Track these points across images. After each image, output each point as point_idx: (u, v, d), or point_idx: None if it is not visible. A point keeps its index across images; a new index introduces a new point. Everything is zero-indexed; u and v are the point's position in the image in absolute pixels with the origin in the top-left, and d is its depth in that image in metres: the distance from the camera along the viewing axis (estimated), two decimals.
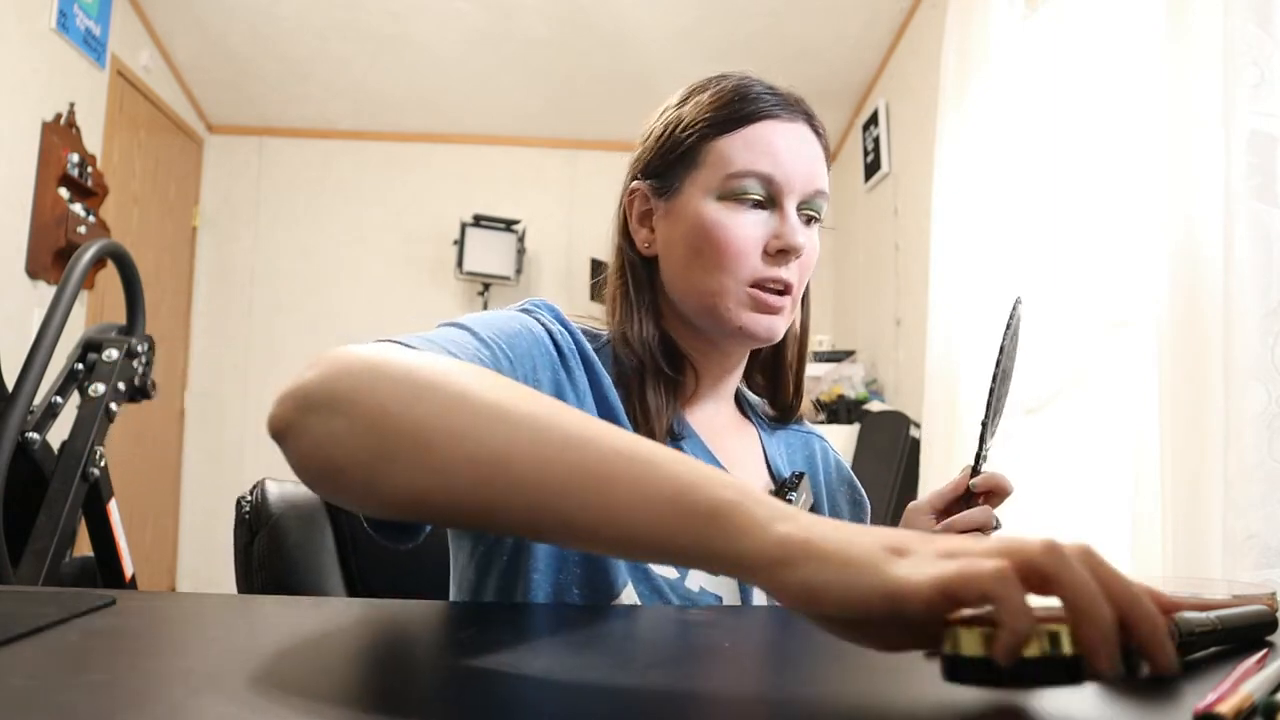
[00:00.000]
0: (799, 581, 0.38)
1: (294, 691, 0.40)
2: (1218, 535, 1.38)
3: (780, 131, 0.77)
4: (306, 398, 0.50)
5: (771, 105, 0.77)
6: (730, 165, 0.76)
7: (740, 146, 0.76)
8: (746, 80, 0.79)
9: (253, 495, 0.88)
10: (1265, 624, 0.53)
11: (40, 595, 0.58)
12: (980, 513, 0.82)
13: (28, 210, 2.92)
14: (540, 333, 0.72)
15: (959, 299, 2.56)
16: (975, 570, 0.35)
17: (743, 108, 0.77)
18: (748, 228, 0.76)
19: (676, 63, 3.80)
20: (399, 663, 0.48)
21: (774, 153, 0.76)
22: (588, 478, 0.43)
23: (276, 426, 0.51)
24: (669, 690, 0.43)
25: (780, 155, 0.76)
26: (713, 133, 0.77)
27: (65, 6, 3.06)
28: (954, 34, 2.70)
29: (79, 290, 1.65)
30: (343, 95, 4.22)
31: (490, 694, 0.41)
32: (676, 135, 0.79)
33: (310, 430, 0.49)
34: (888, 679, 0.46)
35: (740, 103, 0.77)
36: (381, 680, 0.44)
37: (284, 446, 0.51)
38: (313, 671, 0.44)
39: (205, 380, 4.34)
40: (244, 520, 0.86)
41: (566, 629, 0.58)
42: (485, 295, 4.30)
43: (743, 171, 0.75)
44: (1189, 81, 1.52)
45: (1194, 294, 1.49)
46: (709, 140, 0.77)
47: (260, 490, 0.87)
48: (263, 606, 0.64)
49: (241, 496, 0.88)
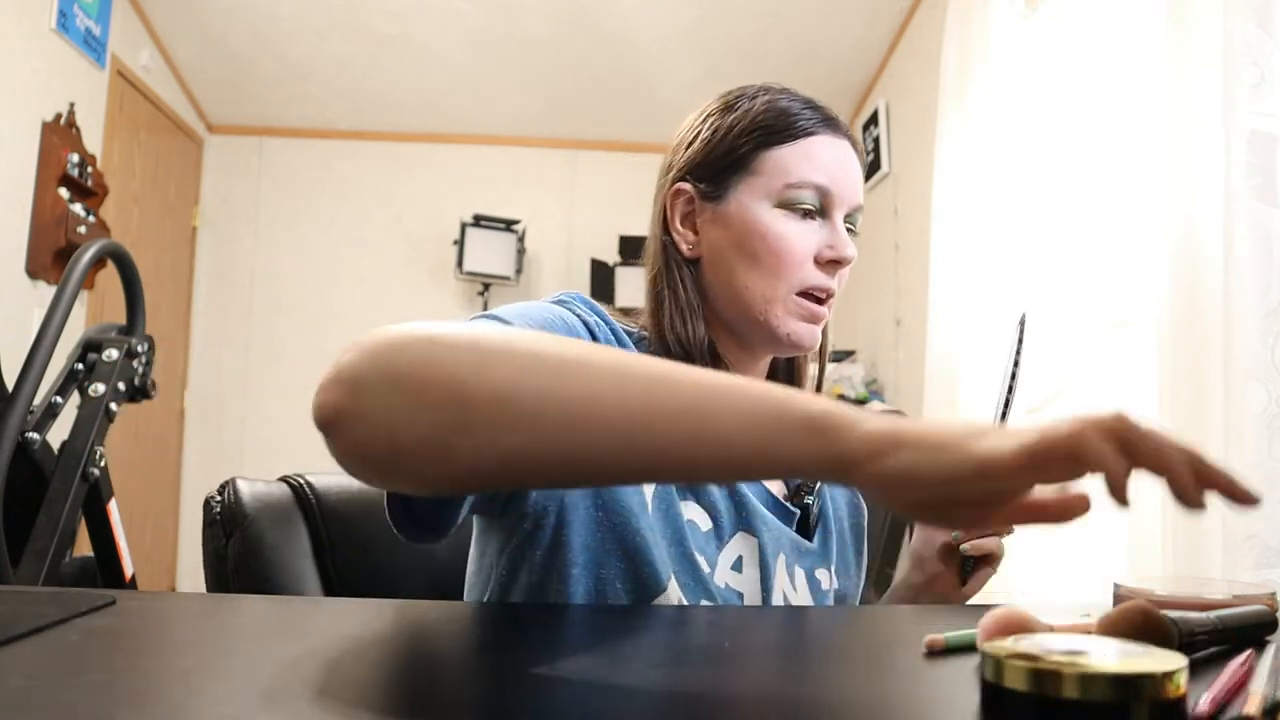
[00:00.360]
0: (896, 468, 0.42)
1: (294, 691, 0.40)
2: (1218, 535, 1.38)
3: (834, 147, 0.80)
4: (357, 380, 0.48)
5: (824, 121, 0.81)
6: (789, 175, 0.78)
7: (800, 157, 0.79)
8: (794, 94, 0.83)
9: (223, 495, 0.85)
10: (1265, 624, 0.53)
11: (40, 595, 0.58)
12: (992, 541, 0.84)
13: (28, 210, 2.92)
14: (575, 323, 0.72)
15: (959, 299, 2.56)
16: (1056, 434, 0.39)
17: (799, 120, 0.80)
18: (804, 236, 0.78)
19: (676, 63, 3.80)
20: (399, 663, 0.48)
21: (829, 167, 0.79)
22: (679, 410, 0.45)
23: (326, 414, 0.48)
24: (667, 690, 0.43)
25: (834, 170, 0.79)
26: (771, 142, 0.79)
27: (65, 6, 3.06)
28: (954, 34, 2.70)
29: (79, 290, 1.65)
30: (343, 95, 4.21)
31: (497, 695, 0.41)
32: (730, 140, 0.80)
33: (367, 413, 0.47)
34: (886, 678, 0.46)
35: (796, 116, 0.80)
36: (383, 680, 0.44)
37: (333, 435, 0.49)
38: (313, 671, 0.44)
39: (205, 380, 4.34)
40: (215, 522, 0.84)
41: (566, 629, 0.58)
42: (485, 295, 4.30)
43: (801, 182, 0.78)
44: (1189, 81, 1.52)
45: (1194, 294, 1.49)
46: (765, 149, 0.79)
47: (231, 490, 0.85)
48: (263, 606, 0.64)
49: (210, 497, 0.85)
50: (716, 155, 0.81)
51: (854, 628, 0.66)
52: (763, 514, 0.78)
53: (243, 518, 0.83)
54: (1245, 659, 0.45)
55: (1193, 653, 0.47)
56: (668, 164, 0.85)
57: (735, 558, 0.76)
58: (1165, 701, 0.36)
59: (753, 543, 0.77)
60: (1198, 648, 0.49)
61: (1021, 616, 0.48)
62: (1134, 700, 0.35)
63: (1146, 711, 0.35)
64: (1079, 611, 0.56)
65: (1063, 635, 0.45)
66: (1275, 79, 1.38)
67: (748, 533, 0.77)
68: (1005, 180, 2.41)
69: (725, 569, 0.75)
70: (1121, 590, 0.62)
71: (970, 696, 0.41)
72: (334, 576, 0.88)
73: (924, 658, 0.49)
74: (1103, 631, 0.48)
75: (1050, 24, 2.36)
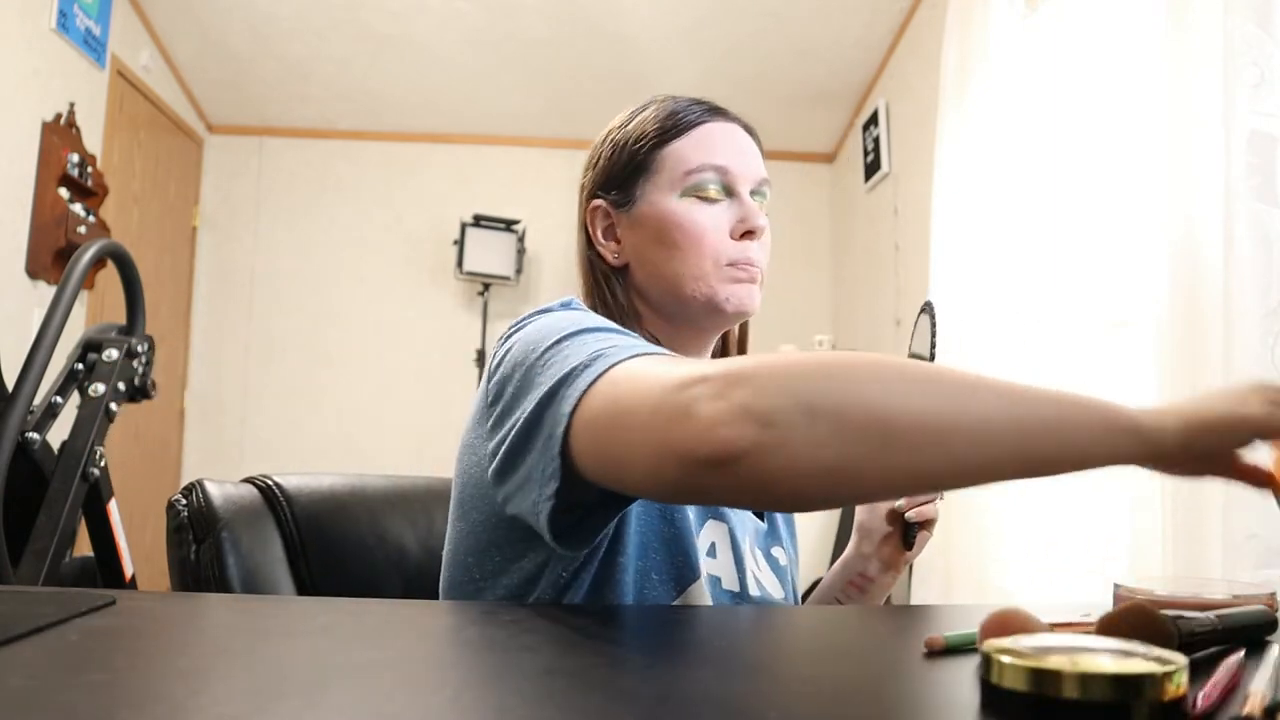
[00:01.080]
0: (1194, 446, 0.53)
1: (294, 691, 0.40)
2: (1218, 535, 1.38)
3: (723, 130, 0.86)
4: (767, 413, 0.50)
5: (710, 111, 0.87)
6: (687, 163, 0.84)
7: (693, 146, 0.84)
8: (680, 98, 0.89)
9: (190, 498, 0.82)
10: (1265, 624, 0.53)
11: (40, 595, 0.58)
12: (931, 507, 0.91)
13: (28, 210, 2.92)
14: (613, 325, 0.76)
15: (959, 299, 2.56)
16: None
17: (687, 115, 0.86)
18: (715, 217, 0.84)
19: (676, 63, 3.80)
20: (399, 663, 0.48)
21: (723, 148, 0.85)
22: (1044, 423, 0.52)
23: (732, 451, 0.50)
24: (665, 690, 0.43)
25: (729, 150, 0.85)
26: (663, 141, 0.85)
27: (65, 6, 3.06)
28: (954, 34, 2.70)
29: (79, 290, 1.65)
30: (343, 95, 4.21)
31: (497, 695, 0.41)
32: (629, 149, 0.87)
33: (787, 443, 0.49)
34: (886, 678, 0.46)
35: (683, 112, 0.86)
36: (383, 680, 0.44)
37: (742, 466, 0.50)
38: (312, 671, 0.44)
39: (205, 380, 4.34)
40: (184, 525, 0.80)
41: (566, 629, 0.58)
42: (485, 295, 4.31)
43: (700, 166, 0.83)
44: (1189, 81, 1.52)
45: (1194, 294, 1.49)
46: (660, 148, 0.85)
47: (199, 493, 0.82)
48: (263, 606, 0.64)
49: (174, 499, 0.82)
50: (619, 165, 0.87)
51: (854, 628, 0.66)
52: None
53: (214, 521, 0.80)
54: (1240, 658, 0.45)
55: (1193, 653, 0.47)
56: (581, 187, 0.92)
57: (710, 544, 0.80)
58: (1165, 701, 0.36)
59: (723, 528, 0.81)
60: (1198, 648, 0.49)
61: (1021, 616, 0.48)
62: (1134, 700, 0.35)
63: (1146, 711, 0.35)
64: (1079, 611, 0.56)
65: (1063, 635, 0.45)
66: (1275, 79, 1.38)
67: (717, 519, 0.81)
68: (1005, 180, 2.41)
69: (703, 555, 0.78)
70: (1121, 590, 0.62)
71: (970, 696, 0.41)
72: (307, 579, 0.86)
73: (924, 658, 0.49)
74: (1103, 631, 0.48)
75: (1050, 24, 2.36)
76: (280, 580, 0.84)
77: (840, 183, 4.42)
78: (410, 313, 4.42)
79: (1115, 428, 0.53)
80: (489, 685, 0.43)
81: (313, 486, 0.90)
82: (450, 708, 0.39)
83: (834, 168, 4.51)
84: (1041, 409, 0.53)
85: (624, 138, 0.88)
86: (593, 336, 0.65)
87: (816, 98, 3.98)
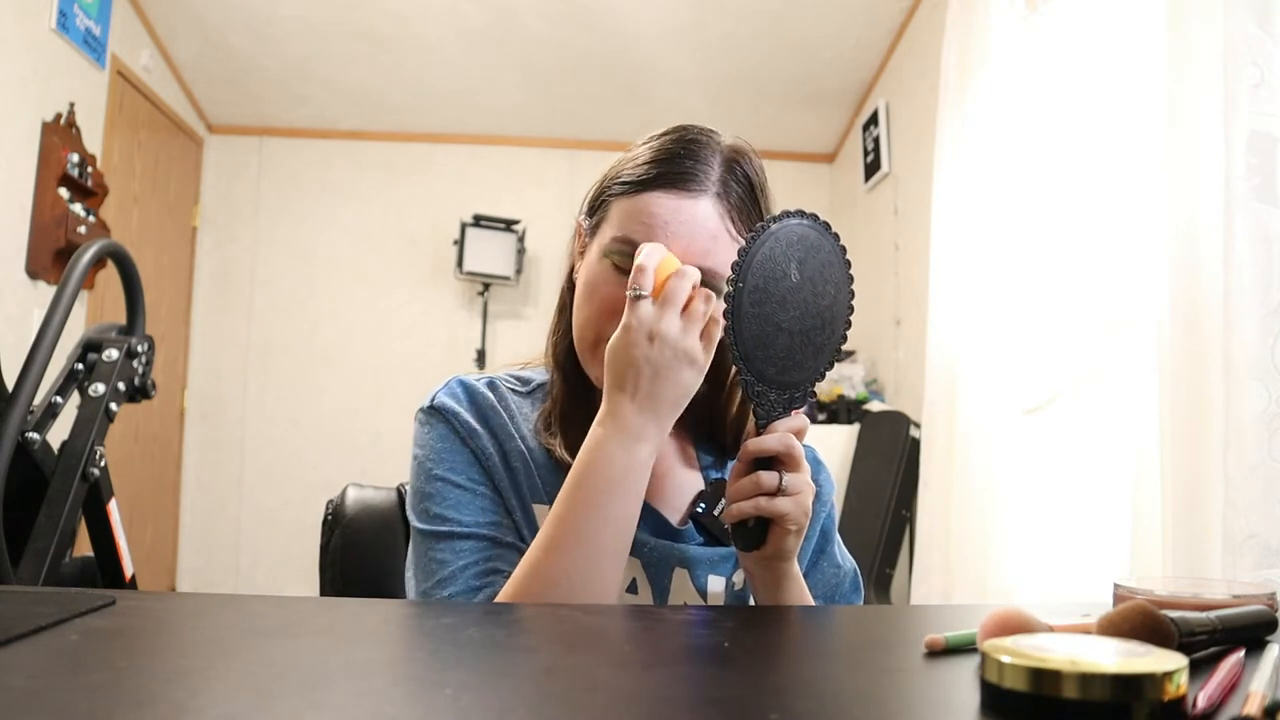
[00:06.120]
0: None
1: (294, 691, 0.40)
2: (1218, 535, 1.38)
3: (667, 206, 0.77)
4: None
5: (674, 176, 0.77)
6: (616, 228, 0.79)
7: (629, 212, 0.78)
8: (678, 142, 0.80)
9: (337, 499, 0.98)
10: (1265, 624, 0.53)
11: (40, 595, 0.58)
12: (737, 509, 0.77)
13: (28, 210, 2.92)
14: (452, 436, 0.82)
15: (959, 299, 2.56)
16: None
17: (646, 173, 0.79)
18: (613, 290, 0.77)
19: (676, 63, 3.80)
20: (399, 662, 0.48)
21: (653, 225, 0.76)
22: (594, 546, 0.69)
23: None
24: (666, 690, 0.43)
25: (658, 230, 0.76)
26: (620, 192, 0.80)
27: (65, 6, 3.06)
28: (954, 34, 2.70)
29: (79, 290, 1.65)
30: (343, 95, 4.21)
31: (497, 695, 0.41)
32: (604, 184, 0.84)
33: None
34: (886, 678, 0.46)
35: (649, 166, 0.79)
36: (383, 680, 0.44)
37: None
38: (312, 671, 0.44)
39: (205, 380, 4.34)
40: (325, 521, 0.97)
41: (567, 630, 0.58)
42: (485, 295, 4.31)
43: (621, 237, 0.78)
44: (1189, 81, 1.52)
45: (1194, 294, 1.49)
46: (615, 199, 0.81)
47: (343, 495, 0.98)
48: (263, 606, 0.64)
49: (329, 500, 0.99)
50: (594, 196, 0.85)
51: (854, 628, 0.66)
52: (639, 536, 0.77)
53: (344, 518, 0.96)
54: (1240, 658, 0.45)
55: (1193, 653, 0.47)
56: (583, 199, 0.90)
57: (630, 581, 0.80)
58: (1165, 701, 0.36)
59: (635, 563, 0.79)
60: (1198, 648, 0.49)
61: (1021, 616, 0.48)
62: (1134, 700, 0.35)
63: (1146, 711, 0.35)
64: (1079, 611, 0.56)
65: (1063, 635, 0.45)
66: (1275, 79, 1.38)
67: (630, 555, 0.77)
68: (1005, 180, 2.41)
69: (623, 593, 0.78)
70: (1121, 590, 0.62)
71: (970, 696, 0.41)
72: None
73: (924, 658, 0.49)
74: (1103, 631, 0.48)
75: (1050, 24, 2.36)
76: (397, 572, 0.91)
77: (840, 183, 4.42)
78: (410, 312, 4.42)
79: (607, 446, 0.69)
80: (489, 685, 0.43)
81: None
82: (450, 708, 0.39)
83: (834, 168, 4.51)
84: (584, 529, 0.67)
85: (612, 171, 0.84)
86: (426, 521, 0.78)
87: (816, 97, 3.98)
